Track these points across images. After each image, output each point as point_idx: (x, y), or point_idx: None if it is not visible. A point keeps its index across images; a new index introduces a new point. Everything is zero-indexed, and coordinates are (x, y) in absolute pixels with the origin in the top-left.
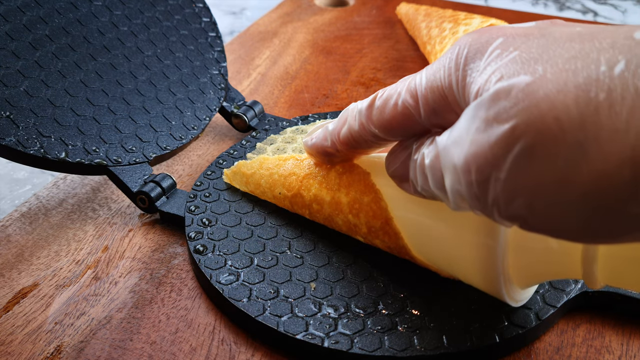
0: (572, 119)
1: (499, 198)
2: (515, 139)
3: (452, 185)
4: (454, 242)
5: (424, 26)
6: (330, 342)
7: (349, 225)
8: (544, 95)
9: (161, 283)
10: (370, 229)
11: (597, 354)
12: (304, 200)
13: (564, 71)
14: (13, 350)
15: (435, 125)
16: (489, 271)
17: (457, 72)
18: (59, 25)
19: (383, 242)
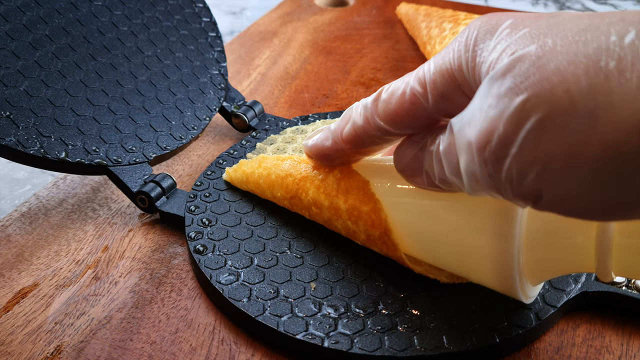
0: (582, 89)
1: (512, 174)
2: (526, 112)
3: (466, 166)
4: (464, 244)
5: (424, 26)
6: (330, 342)
7: (348, 231)
8: (554, 68)
9: (161, 283)
10: (369, 237)
11: (597, 354)
12: (302, 202)
13: (573, 43)
14: (13, 350)
15: (443, 112)
16: (504, 269)
17: (466, 54)
18: (59, 25)
19: (381, 250)
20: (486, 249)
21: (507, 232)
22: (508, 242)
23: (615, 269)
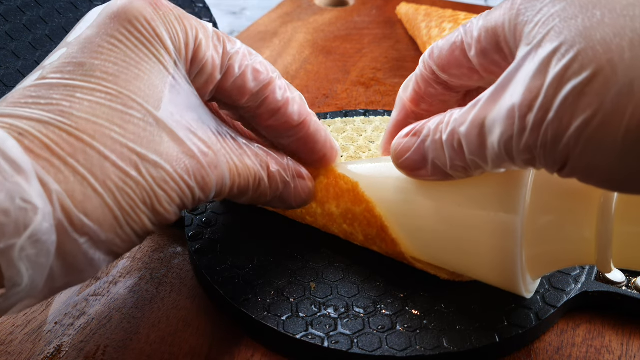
0: (625, 60)
1: (547, 140)
2: (567, 78)
3: (501, 137)
4: (465, 240)
5: (424, 26)
6: (330, 342)
7: (346, 234)
8: (601, 39)
9: (161, 283)
10: (367, 236)
11: (597, 354)
12: (296, 212)
13: (621, 17)
14: (13, 350)
15: (481, 68)
16: (506, 265)
17: (511, 11)
18: (59, 25)
19: (380, 248)
20: (487, 246)
21: (509, 228)
22: (510, 238)
23: (616, 261)
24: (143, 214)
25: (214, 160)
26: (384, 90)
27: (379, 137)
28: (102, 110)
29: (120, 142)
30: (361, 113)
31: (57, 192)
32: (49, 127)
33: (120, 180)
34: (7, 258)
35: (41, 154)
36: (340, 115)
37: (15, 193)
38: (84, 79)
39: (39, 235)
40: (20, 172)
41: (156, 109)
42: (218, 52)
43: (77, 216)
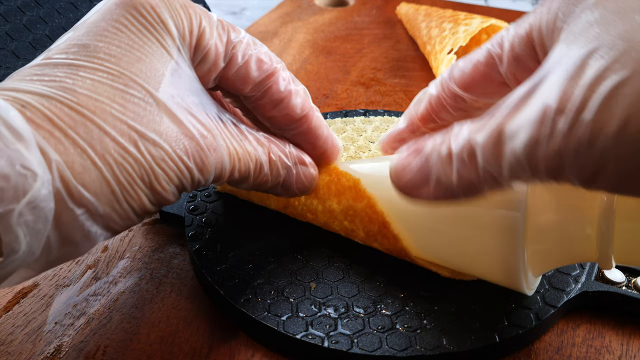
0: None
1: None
2: (605, 79)
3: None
4: (467, 237)
5: (424, 26)
6: (330, 342)
7: (346, 231)
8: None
9: (161, 283)
10: (368, 233)
11: (597, 354)
12: (296, 210)
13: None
14: (13, 350)
15: (513, 77)
16: (509, 263)
17: (548, 15)
18: (59, 25)
19: (382, 245)
20: (489, 243)
21: (510, 225)
22: (512, 235)
23: (617, 256)
24: (141, 191)
25: (213, 143)
26: (384, 90)
27: (379, 137)
28: (103, 88)
29: (120, 119)
30: (361, 113)
31: (57, 161)
32: (52, 100)
33: (119, 155)
34: (5, 223)
35: (42, 124)
36: (340, 115)
37: (15, 159)
38: (88, 59)
39: (37, 202)
40: (21, 140)
41: (156, 90)
42: (222, 41)
43: (75, 187)
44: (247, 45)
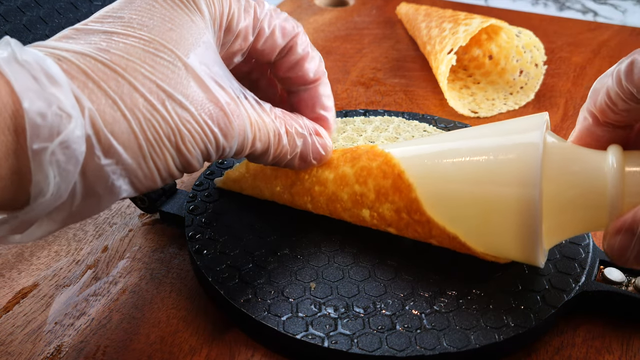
0: None
1: None
2: None
3: None
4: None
5: (424, 26)
6: (330, 342)
7: (355, 198)
8: None
9: (161, 283)
10: (379, 192)
11: (597, 354)
12: (303, 186)
13: None
14: (13, 350)
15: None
16: (526, 237)
17: None
18: (59, 25)
19: (393, 202)
20: (507, 219)
21: (528, 202)
22: (530, 212)
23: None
24: (167, 150)
25: (236, 110)
26: (384, 90)
27: (379, 137)
28: (135, 50)
29: (149, 78)
30: (361, 113)
31: (90, 109)
32: (86, 57)
33: (147, 111)
34: (38, 160)
35: (77, 76)
36: (340, 115)
37: (52, 101)
38: (122, 28)
39: (69, 142)
40: (57, 85)
41: (186, 56)
42: (250, 19)
43: (105, 135)
44: (271, 16)
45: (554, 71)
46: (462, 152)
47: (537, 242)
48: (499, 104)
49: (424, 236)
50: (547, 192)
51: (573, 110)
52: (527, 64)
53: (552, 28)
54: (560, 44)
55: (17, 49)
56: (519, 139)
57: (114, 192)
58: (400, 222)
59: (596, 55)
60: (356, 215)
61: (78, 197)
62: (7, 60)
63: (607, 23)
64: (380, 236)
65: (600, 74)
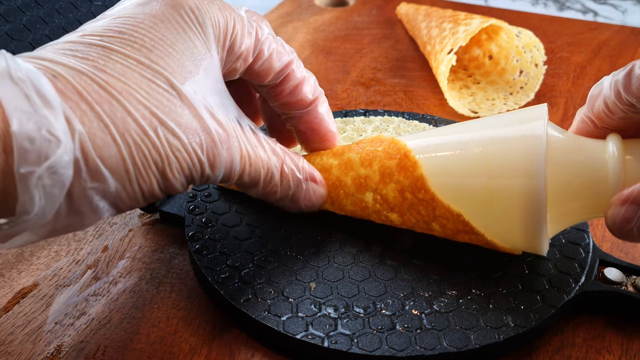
0: None
1: None
2: None
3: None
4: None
5: (424, 26)
6: (330, 342)
7: (359, 181)
8: None
9: (161, 283)
10: (384, 173)
11: (597, 354)
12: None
13: None
14: (13, 350)
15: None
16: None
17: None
18: (59, 25)
19: (397, 183)
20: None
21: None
22: (535, 202)
23: None
24: (153, 175)
25: (227, 141)
26: (384, 90)
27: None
28: (132, 74)
29: (144, 104)
30: (361, 113)
31: (80, 132)
32: (82, 75)
33: (138, 137)
34: (25, 184)
35: (71, 96)
36: (340, 115)
37: (42, 124)
38: (121, 45)
39: (57, 167)
40: (49, 107)
41: (182, 84)
42: (251, 40)
43: (93, 159)
44: (270, 40)
45: (554, 71)
46: (467, 144)
47: (542, 231)
48: (499, 104)
49: (427, 218)
50: (551, 181)
51: (573, 110)
52: (527, 64)
53: (552, 28)
54: (560, 44)
55: (12, 64)
56: (523, 131)
57: (97, 213)
58: (404, 204)
59: (596, 55)
60: (359, 202)
61: (62, 216)
62: (1, 76)
63: (607, 23)
64: (380, 236)
65: (600, 74)
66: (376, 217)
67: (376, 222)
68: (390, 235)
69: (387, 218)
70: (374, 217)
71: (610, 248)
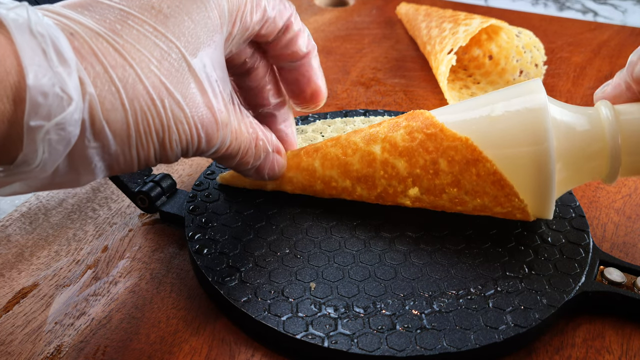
0: None
1: None
2: None
3: None
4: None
5: (424, 26)
6: (330, 342)
7: (368, 137)
8: None
9: (161, 283)
10: (393, 125)
11: (597, 354)
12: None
13: None
14: (13, 350)
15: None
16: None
17: None
18: None
19: (407, 127)
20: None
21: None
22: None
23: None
24: (152, 144)
25: (226, 119)
26: (384, 90)
27: None
28: (147, 41)
29: (154, 73)
30: (361, 113)
31: (91, 94)
32: (99, 37)
33: (145, 104)
34: (32, 136)
35: (86, 56)
36: (340, 115)
37: (56, 81)
38: (139, 10)
39: (65, 125)
40: (64, 64)
41: (192, 57)
42: (261, 12)
43: (100, 121)
44: (274, 3)
45: (554, 71)
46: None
47: (551, 193)
48: None
49: (434, 156)
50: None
51: None
52: (527, 64)
53: (552, 28)
54: (560, 44)
55: (33, 17)
56: (527, 103)
57: (93, 173)
58: (412, 144)
59: (596, 55)
60: (367, 155)
61: (60, 172)
62: (21, 29)
63: (607, 23)
64: (380, 236)
65: (600, 74)
66: (383, 173)
67: (382, 183)
68: (391, 236)
69: (394, 169)
70: (381, 173)
71: (610, 248)
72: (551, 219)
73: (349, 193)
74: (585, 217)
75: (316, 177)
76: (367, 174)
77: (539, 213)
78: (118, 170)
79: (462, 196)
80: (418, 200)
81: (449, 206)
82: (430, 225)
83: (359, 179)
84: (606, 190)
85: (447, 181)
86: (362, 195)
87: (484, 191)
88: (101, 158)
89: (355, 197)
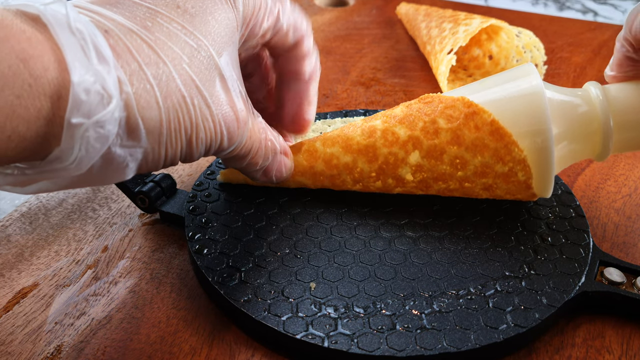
0: None
1: None
2: None
3: None
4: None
5: (424, 26)
6: (330, 342)
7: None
8: None
9: (161, 283)
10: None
11: (597, 354)
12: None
13: None
14: (13, 350)
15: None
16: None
17: None
18: None
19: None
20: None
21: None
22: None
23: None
24: (180, 141)
25: (246, 118)
26: (384, 90)
27: None
28: (177, 39)
29: (186, 71)
30: (361, 113)
31: (127, 92)
32: (133, 35)
33: (177, 102)
34: (71, 133)
35: (122, 54)
36: (340, 115)
37: (97, 79)
38: (166, 8)
39: (105, 123)
40: (104, 62)
41: (218, 55)
42: (273, 19)
43: (135, 119)
44: (289, 15)
45: (554, 71)
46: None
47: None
48: None
49: (433, 115)
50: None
51: None
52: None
53: (552, 28)
54: (560, 44)
55: (71, 14)
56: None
57: (124, 172)
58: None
59: (596, 55)
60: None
61: (94, 170)
62: (62, 25)
63: (607, 23)
64: (380, 236)
65: (600, 74)
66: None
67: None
68: (391, 236)
69: (395, 134)
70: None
71: (610, 248)
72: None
73: (350, 170)
74: (585, 217)
75: (317, 157)
76: (368, 144)
77: (540, 169)
78: (144, 169)
79: (463, 154)
80: (419, 168)
81: (450, 172)
82: (430, 225)
83: (360, 151)
84: (606, 190)
85: (447, 139)
86: (362, 171)
87: (484, 144)
88: (133, 157)
89: (355, 177)
